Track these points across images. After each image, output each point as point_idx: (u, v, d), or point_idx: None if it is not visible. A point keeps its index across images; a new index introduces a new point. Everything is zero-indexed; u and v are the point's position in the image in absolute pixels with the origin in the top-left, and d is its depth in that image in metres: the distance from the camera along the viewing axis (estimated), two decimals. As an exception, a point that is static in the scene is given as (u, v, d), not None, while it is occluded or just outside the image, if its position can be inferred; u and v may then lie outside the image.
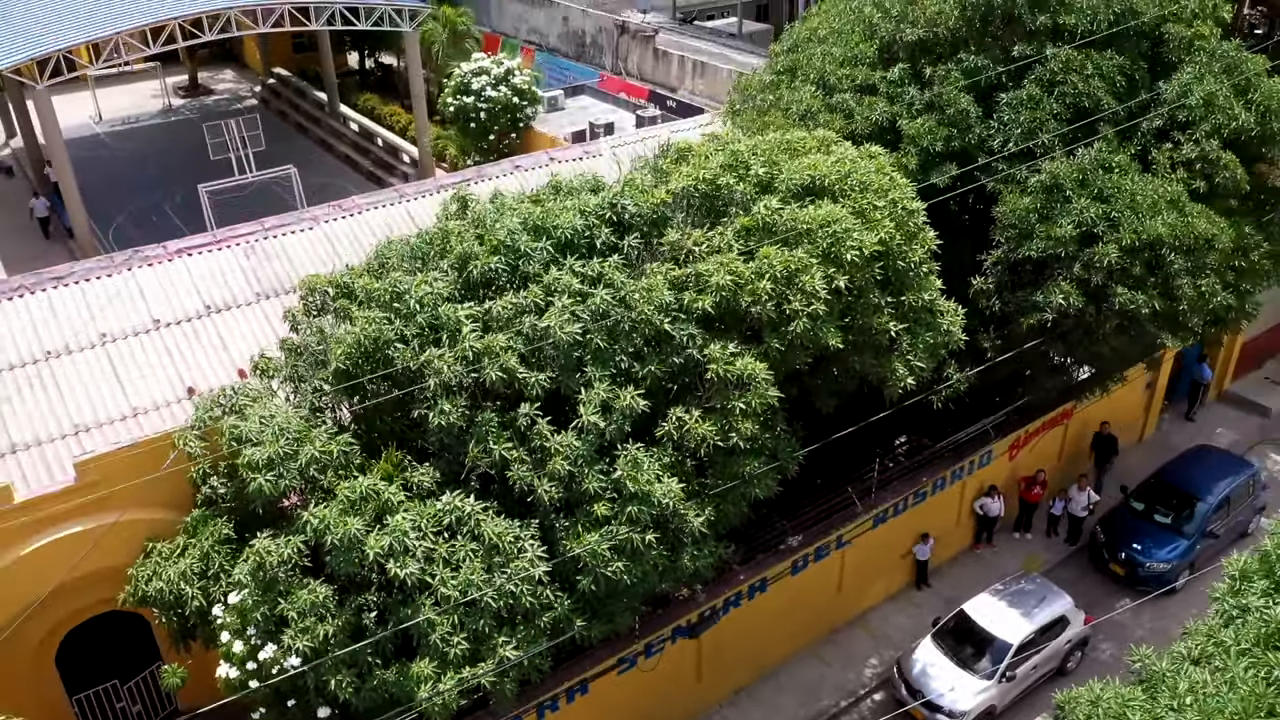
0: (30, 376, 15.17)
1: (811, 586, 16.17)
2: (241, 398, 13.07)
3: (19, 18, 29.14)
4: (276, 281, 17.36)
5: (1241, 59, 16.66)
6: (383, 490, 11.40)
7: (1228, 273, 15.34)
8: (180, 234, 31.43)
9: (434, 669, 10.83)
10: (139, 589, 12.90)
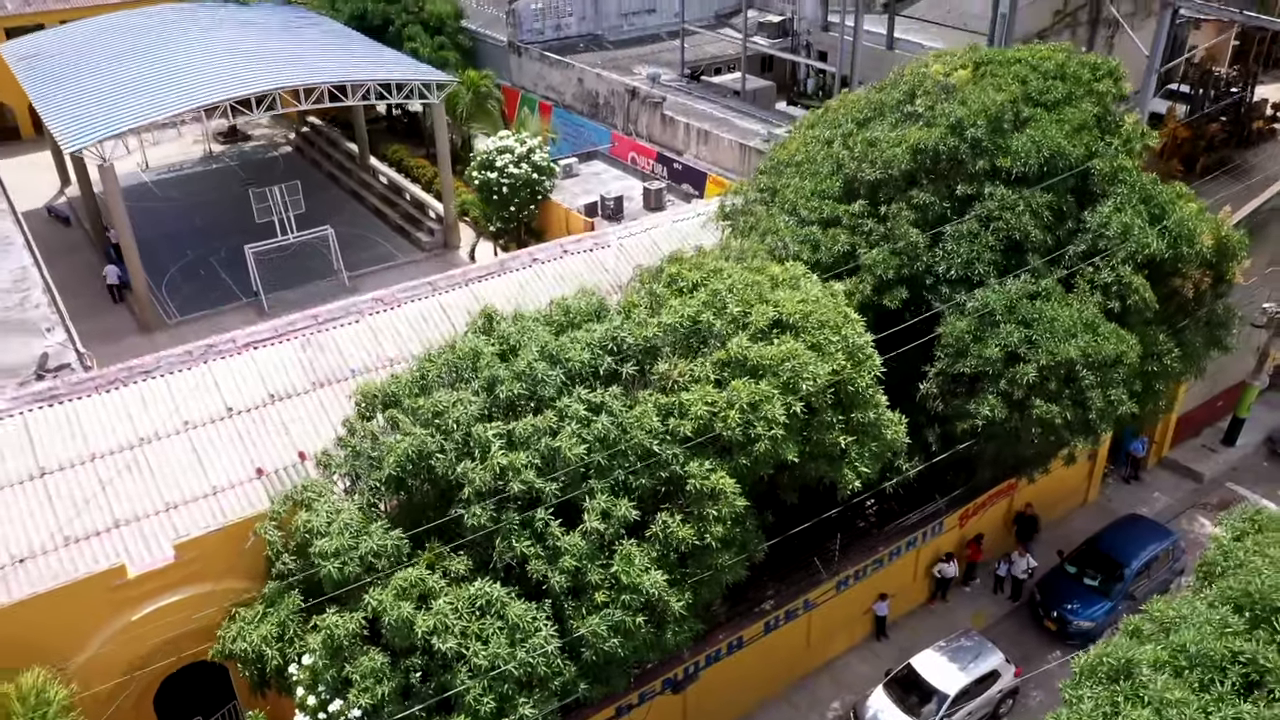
0: (127, 460, 18.19)
1: (783, 642, 19.05)
2: (309, 493, 16.03)
3: (89, 100, 32.18)
4: (329, 371, 20.32)
5: (1159, 190, 19.45)
6: (427, 578, 14.35)
7: (1135, 381, 18.10)
8: (226, 288, 34.74)
9: (465, 724, 13.78)
10: (226, 646, 15.90)
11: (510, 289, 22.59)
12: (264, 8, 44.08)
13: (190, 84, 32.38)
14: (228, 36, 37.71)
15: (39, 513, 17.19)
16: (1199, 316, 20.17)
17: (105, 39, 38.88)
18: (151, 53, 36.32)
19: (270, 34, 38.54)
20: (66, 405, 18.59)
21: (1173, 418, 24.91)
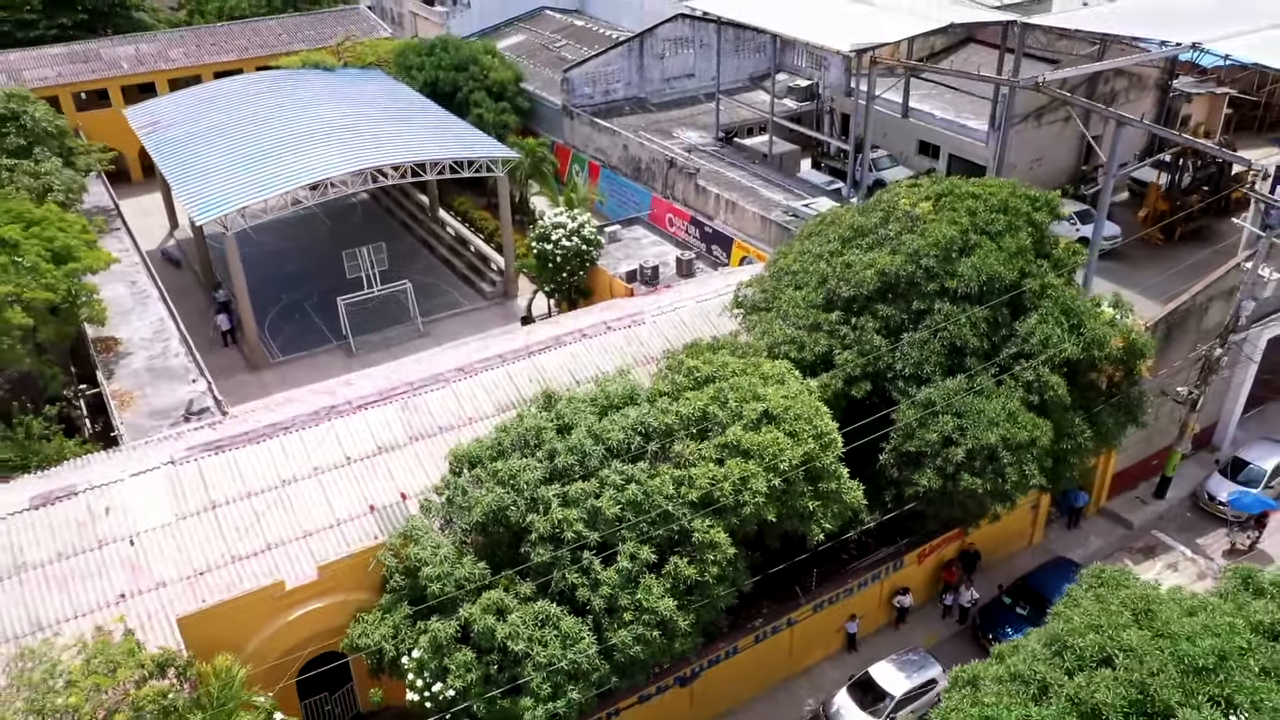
0: (275, 498, 24.11)
1: (770, 651, 24.54)
2: (415, 530, 21.82)
3: (213, 172, 38.38)
4: (422, 428, 26.09)
5: (1079, 303, 24.61)
6: (504, 598, 20.07)
7: (1047, 459, 23.33)
8: (319, 332, 40.68)
9: (532, 703, 19.46)
10: (353, 641, 21.76)
11: (564, 360, 28.28)
12: (348, 74, 50.28)
13: (299, 159, 38.43)
14: (326, 109, 43.71)
15: (212, 537, 23.15)
16: (1114, 402, 25.31)
17: (215, 106, 45.15)
18: (260, 123, 42.50)
19: (361, 105, 44.48)
20: (229, 454, 24.58)
21: (1109, 474, 29.98)
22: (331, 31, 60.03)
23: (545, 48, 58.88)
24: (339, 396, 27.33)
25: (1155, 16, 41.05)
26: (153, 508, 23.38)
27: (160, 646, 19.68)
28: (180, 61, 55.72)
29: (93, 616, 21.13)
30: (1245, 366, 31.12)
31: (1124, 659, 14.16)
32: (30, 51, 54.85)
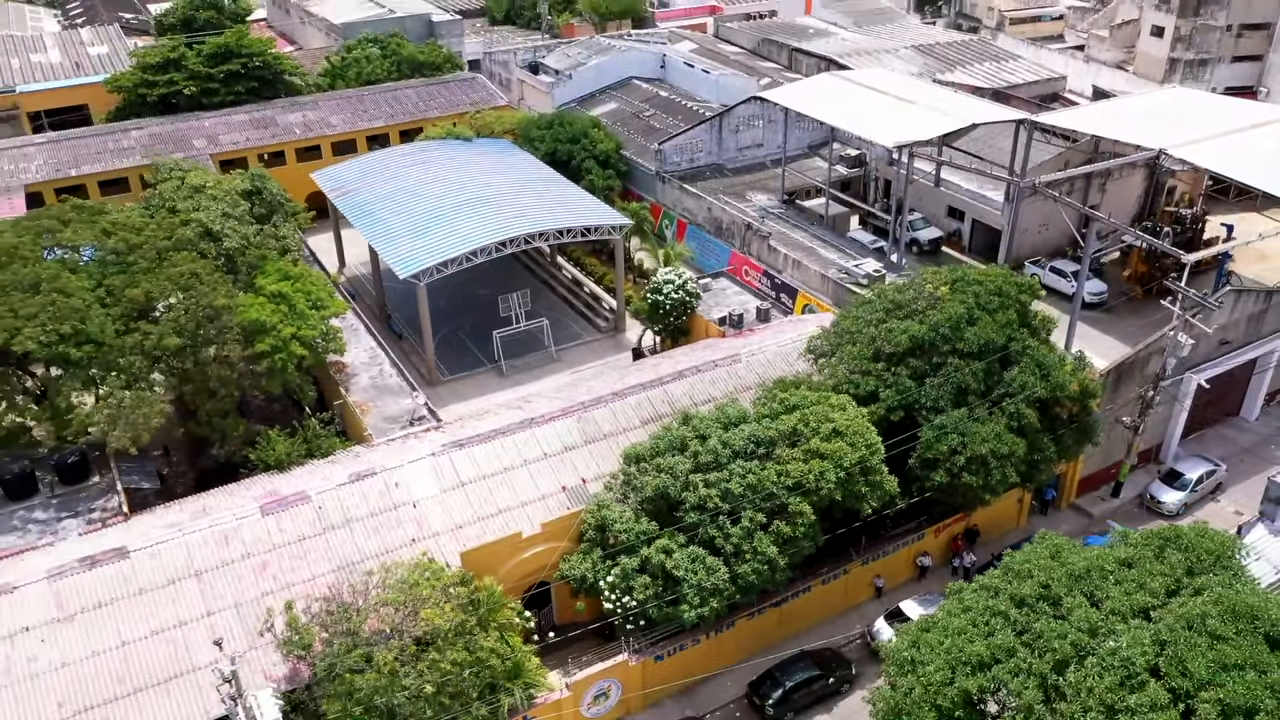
0: (501, 479, 36.25)
1: (832, 590, 36.39)
2: (604, 501, 33.90)
3: (404, 232, 50.65)
4: (592, 435, 38.11)
5: (1049, 359, 36.23)
6: (668, 544, 32.11)
7: (1022, 465, 35.00)
8: (474, 357, 52.84)
9: (688, 609, 31.45)
10: (564, 573, 33.88)
11: (685, 388, 40.29)
12: (484, 144, 62.67)
13: (470, 223, 50.39)
14: (477, 178, 55.84)
15: (464, 504, 35.35)
16: (1074, 427, 36.91)
17: (386, 173, 57.57)
18: (428, 189, 54.74)
19: (504, 174, 56.58)
20: (468, 449, 36.81)
21: (1077, 478, 41.51)
22: (458, 99, 72.57)
23: (636, 116, 71.01)
24: (527, 411, 39.57)
25: (1137, 120, 52.25)
26: (424, 484, 35.70)
27: (455, 569, 31.92)
28: (340, 127, 68.47)
29: (397, 552, 33.34)
30: (1182, 402, 42.54)
31: (1038, 573, 25.91)
32: (220, 117, 67.87)
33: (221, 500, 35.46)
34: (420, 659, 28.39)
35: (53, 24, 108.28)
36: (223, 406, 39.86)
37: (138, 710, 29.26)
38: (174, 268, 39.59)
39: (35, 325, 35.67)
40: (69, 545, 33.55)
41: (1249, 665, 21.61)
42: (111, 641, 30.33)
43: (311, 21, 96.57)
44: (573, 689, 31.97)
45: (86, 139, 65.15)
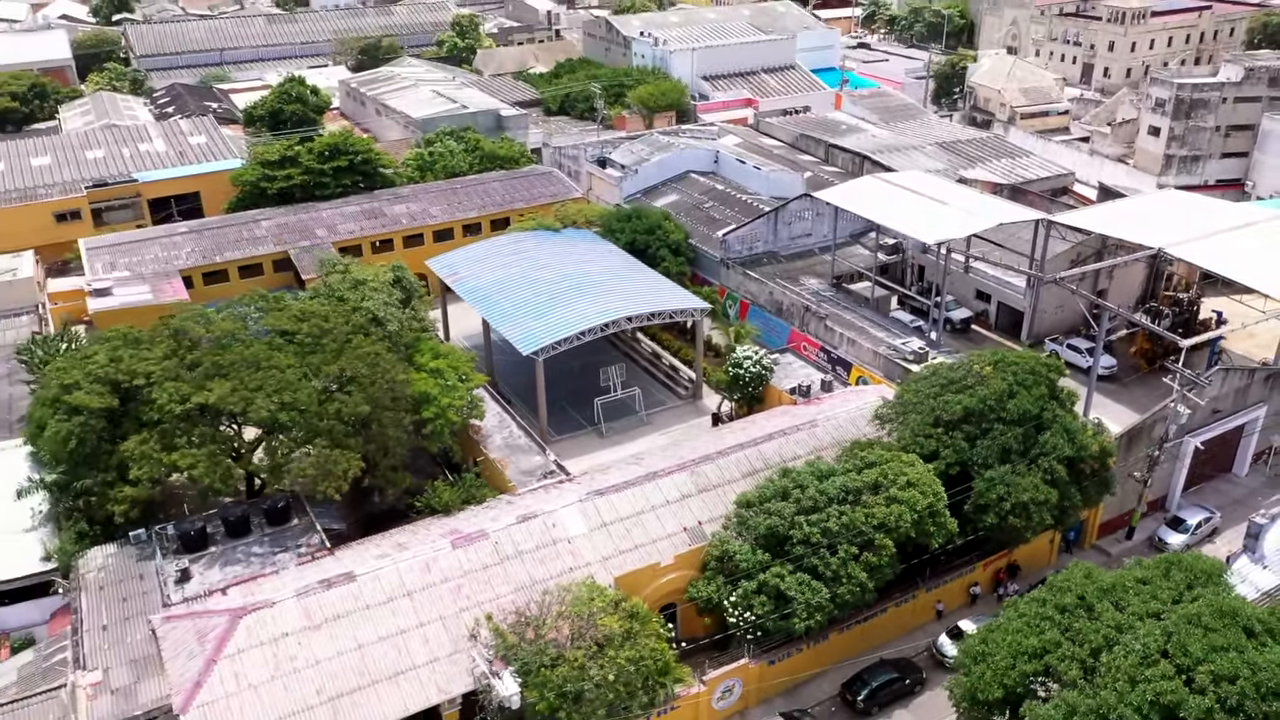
0: (634, 521, 45.21)
1: (904, 611, 45.25)
2: (724, 538, 42.95)
3: (521, 313, 60.20)
4: (703, 485, 47.06)
5: (1076, 425, 45.54)
6: (780, 571, 41.10)
7: (1055, 510, 44.10)
8: (575, 420, 62.12)
9: (798, 622, 40.30)
10: (692, 595, 42.79)
11: (776, 447, 49.45)
12: (572, 234, 72.59)
13: (576, 306, 59.87)
14: (571, 266, 65.60)
15: (608, 540, 44.33)
16: (1094, 480, 46.04)
17: (492, 262, 67.30)
18: (533, 275, 64.39)
19: (595, 262, 66.34)
20: (606, 497, 45.88)
21: (1098, 523, 50.48)
22: (539, 191, 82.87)
23: (696, 207, 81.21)
24: (646, 466, 48.70)
25: (1139, 220, 62.18)
26: (575, 524, 44.73)
27: (613, 590, 40.80)
28: (440, 218, 78.61)
29: (559, 578, 42.17)
30: (1182, 461, 51.73)
31: (1075, 587, 34.91)
32: (335, 208, 78.05)
33: (412, 537, 44.50)
34: (599, 656, 37.23)
35: (145, 112, 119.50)
36: (394, 462, 48.99)
37: (376, 697, 38.01)
38: (359, 349, 49.09)
39: (264, 396, 45.05)
40: (297, 572, 42.53)
41: (1231, 647, 30.51)
42: (350, 644, 39.16)
43: (389, 114, 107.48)
44: (707, 685, 40.70)
45: (225, 228, 75.25)
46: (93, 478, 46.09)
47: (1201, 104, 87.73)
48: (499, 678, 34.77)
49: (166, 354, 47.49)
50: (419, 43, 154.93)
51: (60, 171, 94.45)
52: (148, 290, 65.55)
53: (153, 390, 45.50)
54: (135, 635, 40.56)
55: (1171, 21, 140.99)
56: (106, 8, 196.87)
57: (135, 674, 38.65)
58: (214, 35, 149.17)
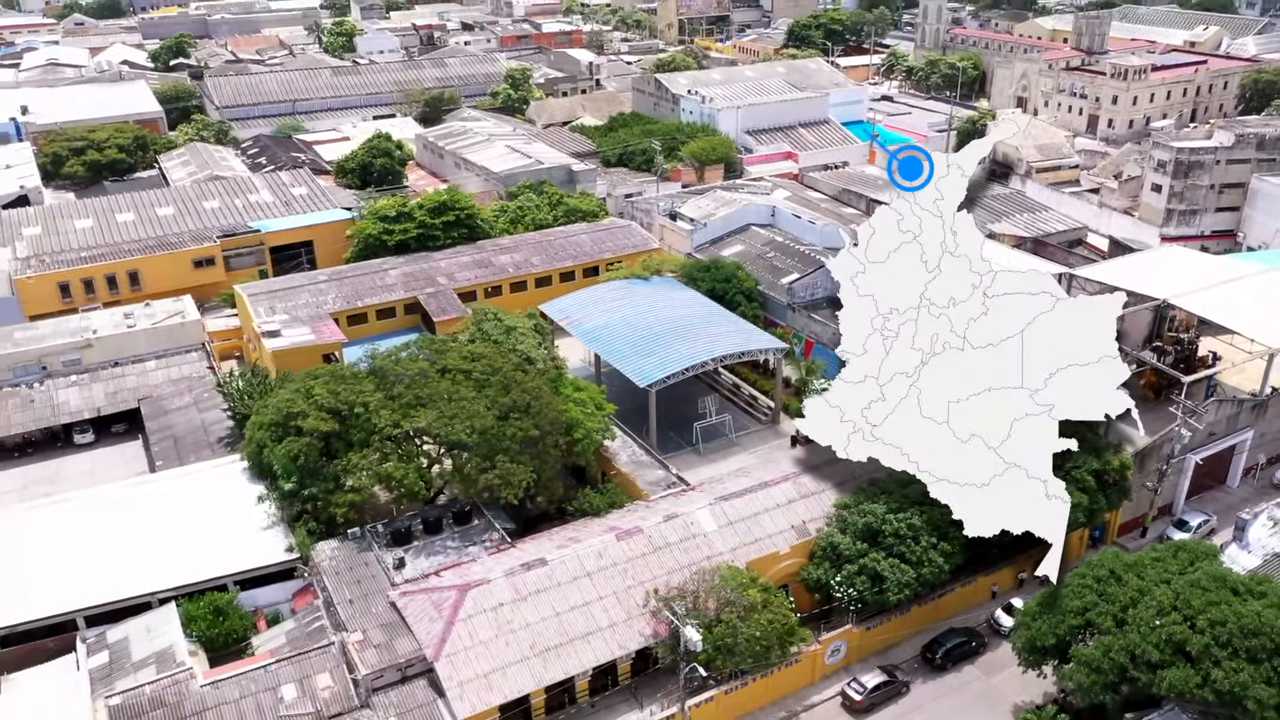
0: (753, 521, 57.68)
1: (967, 592, 57.62)
2: (831, 532, 55.48)
3: (635, 350, 72.83)
4: (804, 493, 59.62)
5: (1102, 444, 58.18)
6: (877, 556, 53.60)
7: (1086, 512, 56.64)
8: (676, 441, 74.82)
9: (890, 595, 52.74)
10: (803, 577, 55.26)
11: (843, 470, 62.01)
12: (660, 281, 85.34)
13: (679, 345, 72.57)
14: (668, 311, 78.30)
15: (733, 535, 56.70)
16: (1116, 488, 58.59)
17: (598, 306, 79.92)
18: (637, 318, 76.96)
19: (687, 308, 79.06)
20: (730, 501, 58.34)
21: (1118, 523, 62.96)
22: (622, 242, 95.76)
23: (760, 257, 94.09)
24: (754, 478, 61.22)
25: (1147, 273, 75.12)
26: (708, 522, 57.19)
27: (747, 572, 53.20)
28: (540, 266, 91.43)
29: (701, 564, 54.44)
30: (1185, 474, 64.32)
31: (1107, 564, 47.44)
32: (450, 258, 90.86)
33: (580, 532, 56.95)
34: (746, 619, 49.57)
35: (238, 163, 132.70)
36: (552, 475, 61.41)
37: (573, 651, 50.33)
38: (524, 384, 61.63)
39: (460, 421, 57.58)
40: (493, 559, 54.87)
41: (1223, 602, 42.95)
42: (549, 612, 51.50)
43: (469, 168, 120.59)
44: (822, 644, 53.05)
45: (358, 276, 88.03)
46: (317, 486, 58.45)
47: (1198, 165, 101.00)
48: (689, 628, 47.03)
49: (374, 388, 60.08)
50: (473, 92, 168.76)
51: (183, 221, 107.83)
52: (309, 332, 78.11)
53: (370, 416, 58.04)
54: (376, 607, 52.82)
55: (1169, 77, 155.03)
56: (165, 55, 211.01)
57: (387, 635, 50.91)
58: (286, 87, 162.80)
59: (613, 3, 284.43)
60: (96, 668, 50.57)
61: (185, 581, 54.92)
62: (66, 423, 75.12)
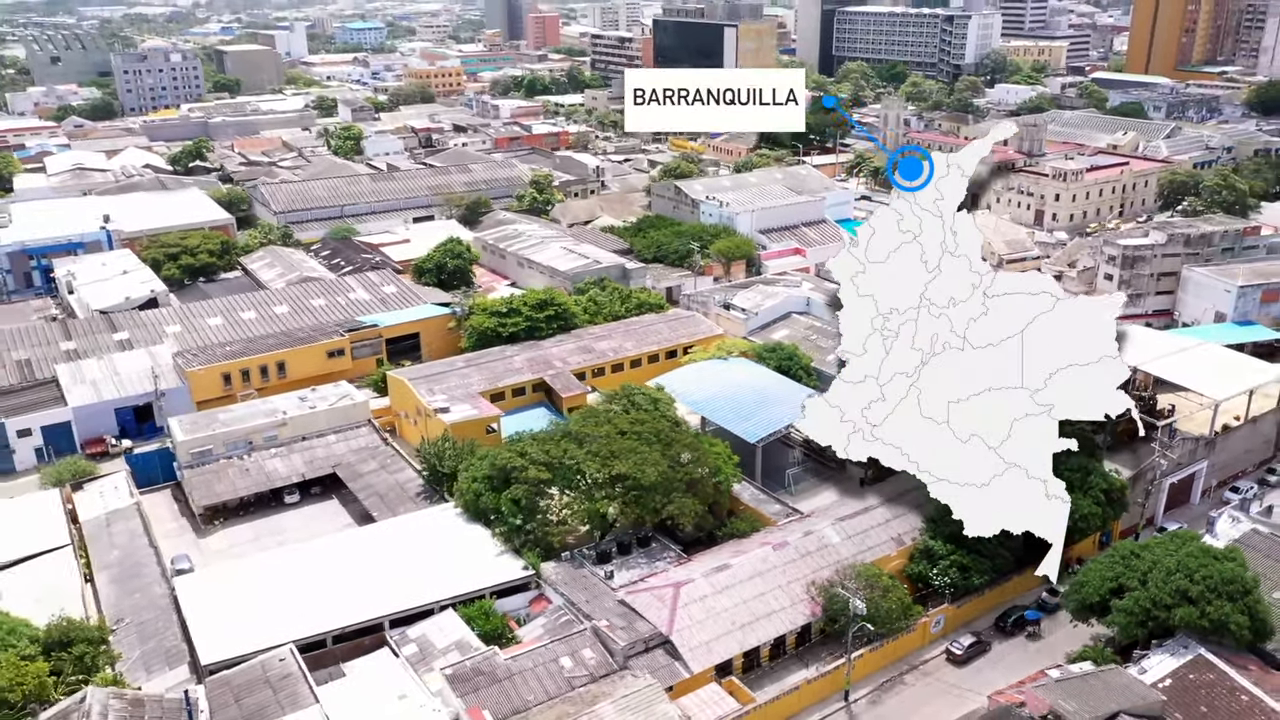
0: (861, 538, 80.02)
1: (1022, 580, 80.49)
2: (923, 541, 78.10)
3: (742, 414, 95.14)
4: (895, 515, 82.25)
5: (1106, 471, 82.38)
6: (961, 554, 76.33)
7: (1100, 520, 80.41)
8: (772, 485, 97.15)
9: (974, 580, 75.27)
10: (909, 571, 77.57)
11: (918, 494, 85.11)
12: (735, 361, 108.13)
13: (773, 409, 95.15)
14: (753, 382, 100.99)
15: (851, 545, 78.80)
16: (1117, 503, 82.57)
17: (696, 380, 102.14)
18: (732, 390, 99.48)
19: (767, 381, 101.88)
20: (844, 522, 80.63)
21: (1118, 529, 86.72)
22: (690, 329, 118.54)
23: (805, 339, 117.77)
24: (853, 506, 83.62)
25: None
26: (831, 537, 79.28)
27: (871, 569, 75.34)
28: (632, 351, 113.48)
29: (835, 565, 76.34)
30: (1162, 494, 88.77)
31: (1130, 547, 71.08)
32: (557, 345, 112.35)
33: (740, 547, 78.47)
34: (885, 597, 71.51)
35: (315, 263, 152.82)
36: (702, 508, 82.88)
37: (760, 627, 71.62)
38: (682, 439, 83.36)
39: (650, 467, 79.00)
40: (683, 568, 75.98)
41: (1209, 564, 66.53)
42: (739, 601, 72.76)
43: (532, 266, 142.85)
44: (929, 617, 75.12)
45: (490, 362, 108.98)
46: (534, 521, 79.14)
47: (1140, 258, 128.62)
48: (856, 599, 68.61)
49: (575, 446, 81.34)
50: (497, 194, 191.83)
51: (298, 318, 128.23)
52: (471, 408, 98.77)
53: (580, 465, 79.14)
54: (605, 604, 73.41)
55: (1101, 177, 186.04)
56: (185, 158, 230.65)
57: (625, 621, 71.47)
58: (333, 193, 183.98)
59: (586, 103, 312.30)
60: (410, 655, 70.01)
61: (457, 593, 74.81)
62: (278, 486, 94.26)
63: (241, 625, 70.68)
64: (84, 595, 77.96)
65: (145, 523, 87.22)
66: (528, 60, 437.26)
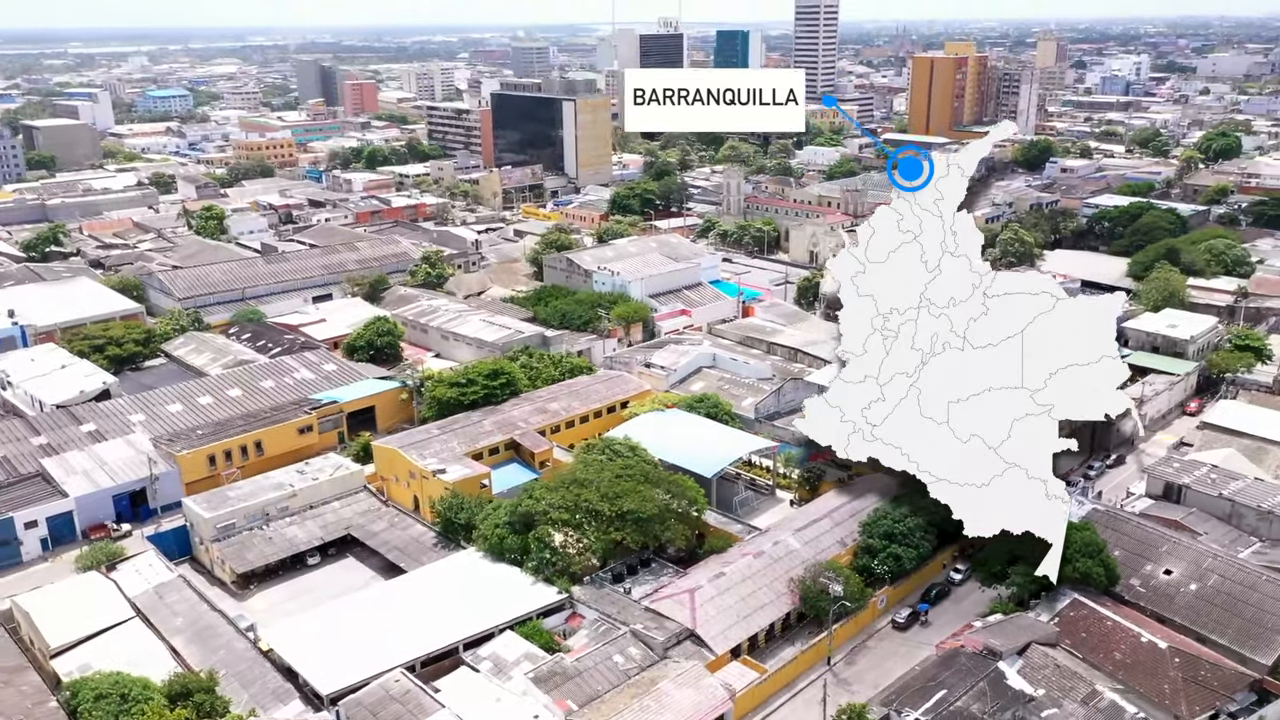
0: (822, 540, 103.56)
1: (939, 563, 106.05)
2: (864, 539, 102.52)
3: (701, 458, 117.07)
4: (836, 522, 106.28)
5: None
6: (895, 547, 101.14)
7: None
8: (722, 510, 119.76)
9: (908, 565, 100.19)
10: (856, 565, 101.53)
11: (851, 507, 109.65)
12: (673, 412, 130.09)
13: (720, 448, 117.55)
14: (693, 429, 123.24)
15: (814, 546, 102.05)
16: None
17: (651, 428, 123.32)
18: (680, 429, 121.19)
19: (704, 428, 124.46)
20: (802, 531, 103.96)
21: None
22: (623, 387, 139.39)
23: (720, 389, 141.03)
24: (806, 518, 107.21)
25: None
26: (795, 544, 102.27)
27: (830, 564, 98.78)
28: (580, 409, 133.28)
29: (802, 565, 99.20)
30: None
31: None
32: (516, 407, 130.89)
33: (726, 558, 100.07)
34: (843, 584, 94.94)
35: (241, 346, 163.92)
36: (691, 532, 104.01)
37: (755, 615, 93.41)
38: (668, 479, 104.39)
39: (649, 502, 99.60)
40: (688, 578, 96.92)
41: (1073, 532, 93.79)
42: (738, 598, 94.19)
43: (459, 339, 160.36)
44: (875, 597, 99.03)
45: (465, 427, 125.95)
46: (559, 555, 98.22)
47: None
48: (835, 584, 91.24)
49: (582, 490, 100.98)
50: (390, 270, 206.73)
51: (252, 400, 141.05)
52: (464, 468, 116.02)
53: (594, 506, 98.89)
54: (632, 613, 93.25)
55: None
56: (41, 244, 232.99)
57: (654, 623, 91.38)
58: (231, 277, 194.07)
59: (432, 174, 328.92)
60: (487, 670, 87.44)
61: (513, 616, 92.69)
62: (300, 551, 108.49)
63: (340, 661, 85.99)
64: (169, 658, 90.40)
65: (198, 592, 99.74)
66: (351, 128, 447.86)
